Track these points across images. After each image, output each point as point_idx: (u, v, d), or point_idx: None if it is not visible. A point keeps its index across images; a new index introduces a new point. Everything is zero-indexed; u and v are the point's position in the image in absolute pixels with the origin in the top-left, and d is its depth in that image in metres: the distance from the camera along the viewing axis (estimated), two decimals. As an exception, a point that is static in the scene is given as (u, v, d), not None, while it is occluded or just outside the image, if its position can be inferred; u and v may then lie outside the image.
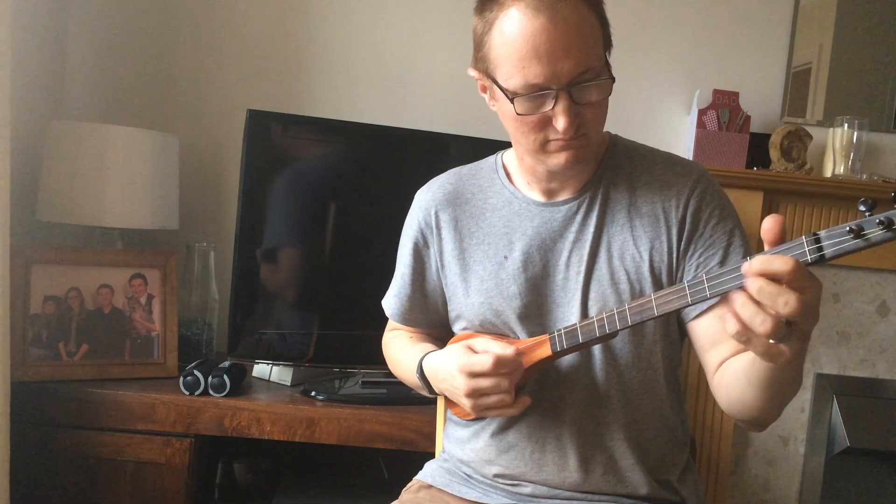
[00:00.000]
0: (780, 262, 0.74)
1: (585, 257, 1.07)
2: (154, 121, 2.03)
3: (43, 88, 1.93)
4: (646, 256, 1.06)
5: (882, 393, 2.12)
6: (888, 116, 2.11)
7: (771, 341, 0.77)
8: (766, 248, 0.79)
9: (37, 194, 1.77)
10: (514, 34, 0.95)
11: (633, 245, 1.07)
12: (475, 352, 1.02)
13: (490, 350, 1.01)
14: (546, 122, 0.99)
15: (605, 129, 1.14)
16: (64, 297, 1.65)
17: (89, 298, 1.67)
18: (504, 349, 1.00)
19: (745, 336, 0.77)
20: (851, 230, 0.73)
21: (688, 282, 0.88)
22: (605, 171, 1.11)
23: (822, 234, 0.76)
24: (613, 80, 1.00)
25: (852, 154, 2.00)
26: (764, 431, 2.10)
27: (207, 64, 2.06)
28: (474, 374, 0.99)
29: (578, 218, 1.09)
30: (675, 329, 1.10)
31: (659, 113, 2.12)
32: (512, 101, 0.98)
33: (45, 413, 1.55)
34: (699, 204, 1.06)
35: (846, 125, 2.00)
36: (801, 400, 2.12)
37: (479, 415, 1.04)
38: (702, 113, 2.00)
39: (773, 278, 0.74)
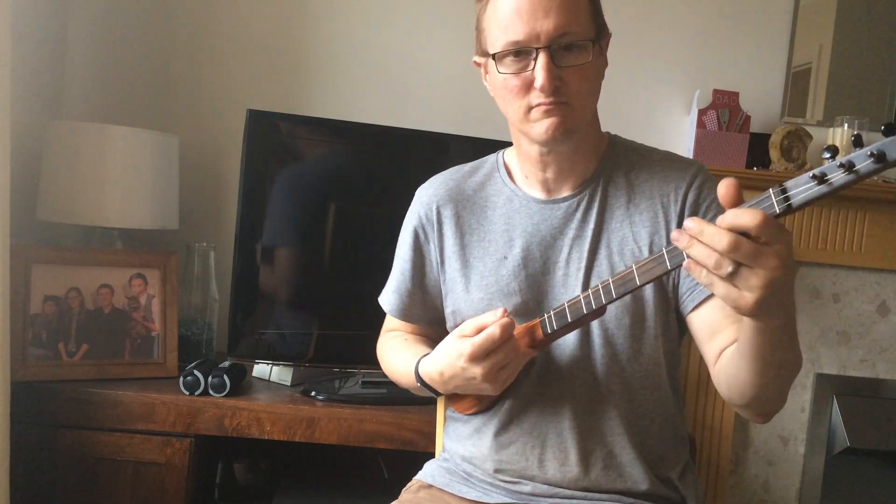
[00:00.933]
0: (749, 216, 0.74)
1: (586, 253, 1.08)
2: (154, 121, 2.03)
3: (43, 88, 1.93)
4: (645, 251, 1.07)
5: (882, 393, 2.12)
6: (888, 116, 2.12)
7: (727, 282, 0.76)
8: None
9: (37, 194, 1.77)
10: (501, 3, 1.01)
11: (633, 240, 1.08)
12: (469, 335, 1.01)
13: (485, 322, 0.99)
14: (528, 86, 1.02)
15: (604, 130, 1.15)
16: (64, 297, 1.65)
17: (89, 298, 1.67)
18: (496, 316, 0.99)
19: (708, 279, 0.77)
20: (815, 176, 0.74)
21: (666, 248, 0.88)
22: (605, 168, 1.12)
23: (789, 183, 0.76)
24: (594, 44, 1.02)
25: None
26: (764, 431, 2.11)
27: (207, 64, 2.06)
28: (486, 355, 0.98)
29: (578, 215, 1.10)
30: (673, 324, 1.10)
31: (659, 113, 2.12)
32: (496, 61, 1.02)
33: (45, 413, 1.55)
34: (697, 197, 1.08)
35: (846, 125, 2.01)
36: (801, 400, 2.12)
37: (501, 390, 1.03)
38: (702, 113, 2.00)
39: (744, 233, 0.74)
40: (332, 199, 1.76)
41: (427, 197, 1.20)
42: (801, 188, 0.75)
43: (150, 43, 2.05)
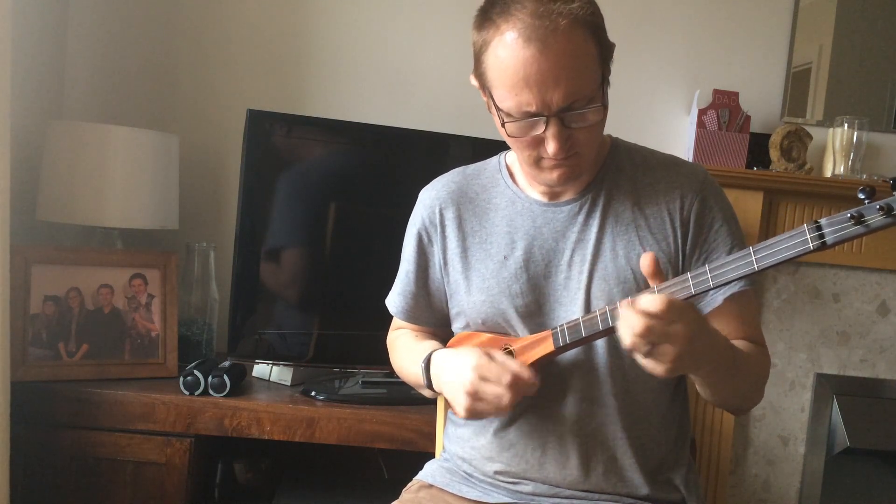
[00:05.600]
0: (656, 304, 0.84)
1: (588, 257, 1.08)
2: (154, 121, 2.03)
3: (43, 88, 1.93)
4: None
5: (882, 393, 2.12)
6: (888, 116, 2.11)
7: (644, 355, 0.87)
8: (657, 280, 0.91)
9: (37, 194, 1.77)
10: (506, 60, 0.96)
11: (640, 246, 1.07)
12: (495, 361, 1.00)
13: (510, 366, 0.99)
14: (539, 142, 1.01)
15: (605, 131, 1.15)
16: (64, 297, 1.65)
17: (89, 298, 1.67)
18: (523, 370, 0.99)
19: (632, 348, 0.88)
20: (852, 217, 0.77)
21: (691, 273, 0.90)
22: (608, 172, 1.12)
23: (824, 221, 0.79)
24: (606, 107, 1.01)
25: (852, 154, 2.00)
26: (764, 431, 2.11)
27: (207, 64, 2.06)
28: (484, 378, 0.99)
29: (580, 218, 1.10)
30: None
31: (659, 113, 2.12)
32: (503, 124, 1.00)
33: (45, 413, 1.55)
34: (702, 208, 1.08)
35: (846, 125, 2.00)
36: (801, 400, 2.12)
37: (467, 416, 1.03)
38: (702, 113, 2.00)
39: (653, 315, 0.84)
40: (332, 199, 1.76)
41: (430, 199, 1.20)
42: (837, 227, 0.78)
43: (151, 43, 2.05)
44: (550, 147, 0.99)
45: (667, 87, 2.12)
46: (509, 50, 0.95)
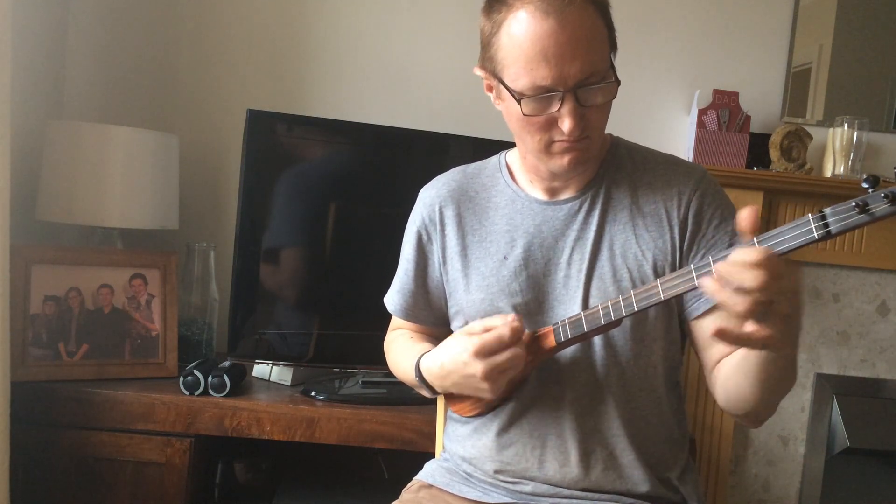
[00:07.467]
0: (755, 254, 0.77)
1: (587, 255, 1.08)
2: (154, 121, 2.03)
3: (43, 88, 1.93)
4: (649, 256, 1.07)
5: (882, 393, 2.12)
6: (888, 116, 2.12)
7: (753, 327, 0.79)
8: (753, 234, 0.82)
9: (37, 194, 1.77)
10: (522, 36, 0.96)
11: (636, 244, 1.08)
12: (477, 334, 1.01)
13: (495, 324, 1.00)
14: (552, 124, 1.01)
15: (605, 131, 1.15)
16: (64, 297, 1.65)
17: (89, 298, 1.67)
18: (511, 320, 0.99)
19: (739, 338, 0.81)
20: (857, 205, 0.76)
21: (694, 265, 0.89)
22: (608, 170, 1.12)
23: (828, 211, 0.78)
24: (619, 82, 1.01)
25: (852, 154, 2.00)
26: (764, 431, 2.11)
27: (208, 64, 2.06)
28: (490, 353, 0.98)
29: (580, 216, 1.10)
30: (676, 328, 1.10)
31: (659, 113, 2.12)
32: (519, 102, 0.99)
33: (45, 413, 1.55)
34: (700, 205, 1.08)
35: (846, 125, 2.00)
36: (801, 400, 2.12)
37: (497, 396, 1.03)
38: (702, 113, 2.00)
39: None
40: (332, 199, 1.76)
41: (430, 198, 1.20)
42: (842, 216, 0.78)
43: (151, 43, 2.05)
44: (566, 124, 0.98)
45: (667, 87, 2.12)
46: (525, 25, 0.96)
